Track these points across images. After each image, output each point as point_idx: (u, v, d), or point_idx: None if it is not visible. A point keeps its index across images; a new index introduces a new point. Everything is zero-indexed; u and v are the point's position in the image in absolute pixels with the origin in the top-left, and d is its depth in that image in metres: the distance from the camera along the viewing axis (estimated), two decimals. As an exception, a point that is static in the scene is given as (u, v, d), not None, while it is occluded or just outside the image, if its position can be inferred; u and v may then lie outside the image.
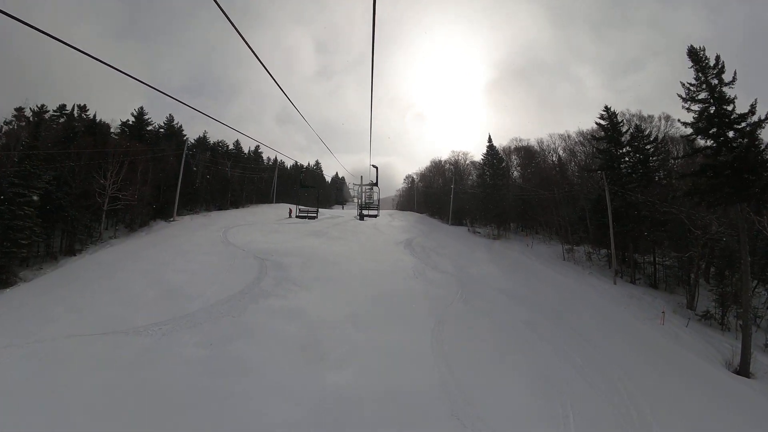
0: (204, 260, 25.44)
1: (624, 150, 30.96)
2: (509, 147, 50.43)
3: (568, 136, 44.27)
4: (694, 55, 21.33)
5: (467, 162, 59.02)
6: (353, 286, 21.81)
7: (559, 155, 45.87)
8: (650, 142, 31.25)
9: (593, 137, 34.52)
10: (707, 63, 21.18)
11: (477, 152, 60.93)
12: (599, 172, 31.21)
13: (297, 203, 27.45)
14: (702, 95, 20.67)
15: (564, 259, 34.32)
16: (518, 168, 50.17)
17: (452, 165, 61.00)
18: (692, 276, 26.82)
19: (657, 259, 29.76)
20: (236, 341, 14.71)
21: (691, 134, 21.31)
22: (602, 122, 32.02)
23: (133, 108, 49.34)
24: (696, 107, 20.45)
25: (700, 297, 25.97)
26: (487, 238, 42.82)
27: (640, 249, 30.57)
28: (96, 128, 38.74)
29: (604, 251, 32.91)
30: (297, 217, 24.09)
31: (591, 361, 16.60)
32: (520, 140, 50.48)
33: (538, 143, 48.37)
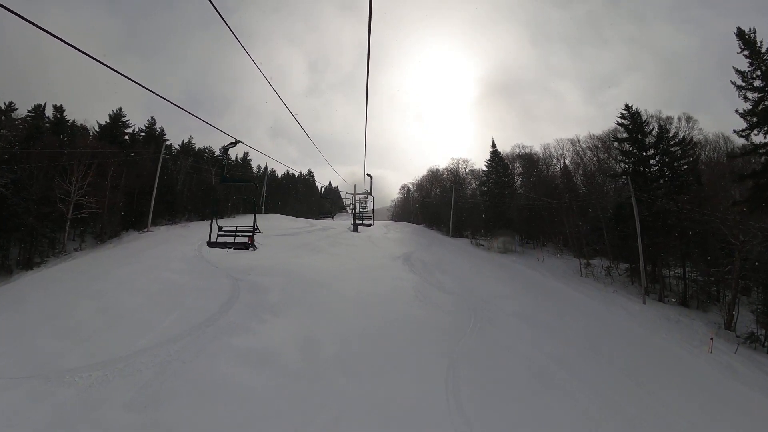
0: (169, 279, 21.64)
1: (650, 152, 27.61)
2: (512, 154, 47.36)
3: (578, 140, 41.22)
4: (744, 38, 18.30)
5: (467, 170, 55.67)
6: (344, 314, 17.83)
7: (565, 162, 42.81)
8: (676, 144, 28.02)
9: (615, 138, 31.13)
10: (759, 47, 18.16)
11: (471, 164, 57.47)
12: (624, 177, 27.81)
13: (214, 215, 12.46)
14: (757, 83, 17.61)
15: (581, 275, 30.84)
16: (520, 176, 46.86)
17: (451, 173, 57.55)
18: (729, 293, 23.64)
19: (687, 274, 26.40)
20: (179, 402, 10.71)
21: (744, 129, 18.09)
22: (624, 122, 28.75)
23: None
24: (753, 95, 17.30)
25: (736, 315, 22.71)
26: (492, 251, 39.28)
27: (669, 263, 27.16)
28: (65, 129, 35.23)
29: (624, 266, 29.59)
30: (209, 244, 11.19)
31: (646, 412, 13.13)
32: (524, 147, 47.41)
33: (543, 149, 45.30)
